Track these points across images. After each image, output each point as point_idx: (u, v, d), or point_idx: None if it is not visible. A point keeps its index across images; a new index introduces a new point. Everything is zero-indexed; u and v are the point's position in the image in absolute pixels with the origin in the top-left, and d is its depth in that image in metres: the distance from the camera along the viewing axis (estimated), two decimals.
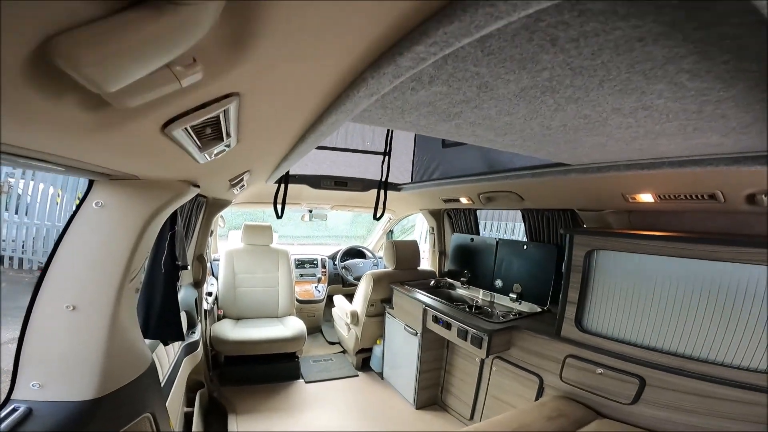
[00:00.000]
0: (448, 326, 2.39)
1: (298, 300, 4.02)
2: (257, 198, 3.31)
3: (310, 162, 2.90)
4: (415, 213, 3.86)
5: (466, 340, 2.23)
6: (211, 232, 3.00)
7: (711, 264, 1.47)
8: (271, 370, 3.05)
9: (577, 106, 0.81)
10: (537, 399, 2.02)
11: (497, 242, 2.81)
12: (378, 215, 2.22)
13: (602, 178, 1.63)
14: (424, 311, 2.62)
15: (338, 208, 3.97)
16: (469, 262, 3.06)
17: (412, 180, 2.98)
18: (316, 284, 4.23)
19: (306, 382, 3.09)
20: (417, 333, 2.73)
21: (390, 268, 3.24)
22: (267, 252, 3.56)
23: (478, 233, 3.17)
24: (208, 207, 2.43)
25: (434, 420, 2.70)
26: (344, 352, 3.70)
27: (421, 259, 3.37)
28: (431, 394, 2.87)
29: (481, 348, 2.12)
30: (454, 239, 3.29)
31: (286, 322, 3.26)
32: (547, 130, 1.02)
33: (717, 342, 1.46)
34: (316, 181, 2.91)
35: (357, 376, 3.32)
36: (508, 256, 2.70)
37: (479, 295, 2.89)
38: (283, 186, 2.01)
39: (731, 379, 1.41)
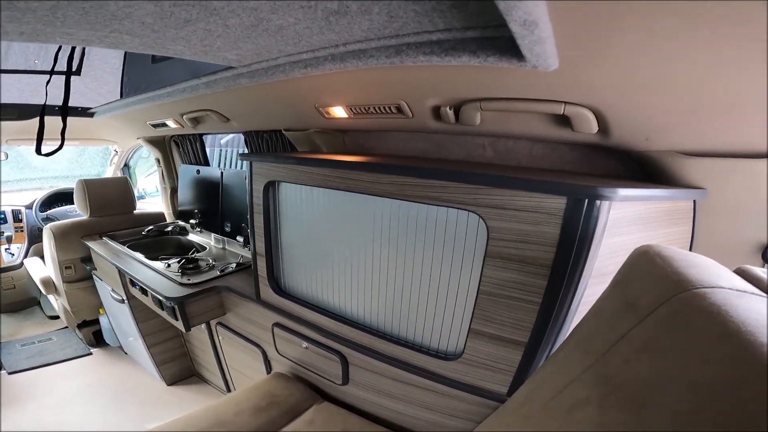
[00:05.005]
0: (144, 292, 1.83)
1: None
2: None
3: None
4: (136, 143, 2.91)
5: (163, 310, 1.72)
6: None
7: (398, 205, 1.06)
8: None
9: None
10: (268, 374, 1.70)
11: (222, 174, 2.25)
12: (49, 150, 1.55)
13: (283, 85, 1.22)
14: (120, 273, 1.98)
15: (15, 142, 2.80)
16: (199, 200, 2.45)
17: None
18: (6, 246, 3.17)
19: (9, 374, 2.34)
20: (124, 300, 2.10)
21: (84, 217, 2.42)
22: None
23: (207, 163, 2.52)
24: None
25: (188, 395, 2.29)
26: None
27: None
28: (183, 366, 2.41)
29: (177, 319, 1.65)
30: (181, 172, 2.58)
31: None
32: None
33: (404, 316, 1.14)
34: None
35: (90, 354, 2.65)
36: (233, 191, 2.19)
37: (212, 241, 2.36)
38: None
39: (417, 365, 1.11)
